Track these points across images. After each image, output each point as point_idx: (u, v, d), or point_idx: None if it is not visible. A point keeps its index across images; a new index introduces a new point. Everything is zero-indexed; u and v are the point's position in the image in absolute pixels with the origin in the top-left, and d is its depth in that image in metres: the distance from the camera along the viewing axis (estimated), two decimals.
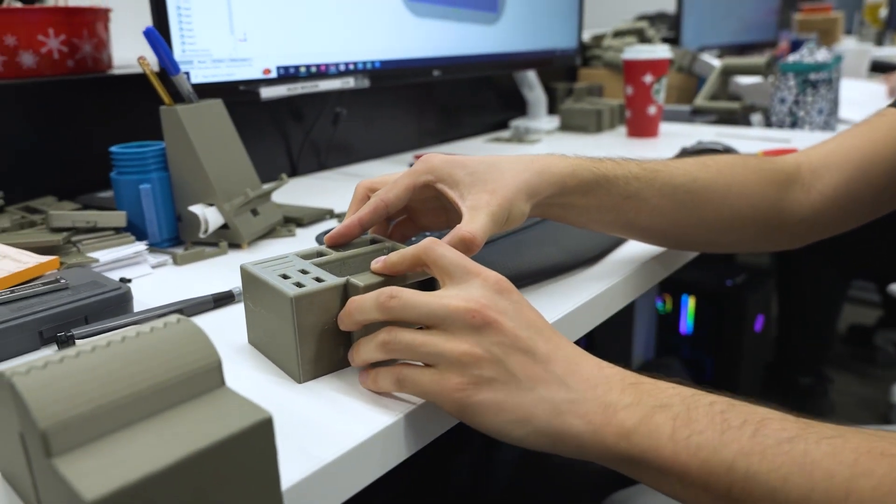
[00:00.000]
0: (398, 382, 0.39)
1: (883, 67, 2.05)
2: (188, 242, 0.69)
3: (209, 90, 0.77)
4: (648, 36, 1.71)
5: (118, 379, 0.29)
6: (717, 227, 0.59)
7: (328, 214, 0.80)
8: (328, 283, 0.42)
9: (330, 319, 0.42)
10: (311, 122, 1.12)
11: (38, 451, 0.27)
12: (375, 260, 0.44)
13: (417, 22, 1.05)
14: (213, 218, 0.67)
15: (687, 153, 1.00)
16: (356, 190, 0.52)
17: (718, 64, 1.54)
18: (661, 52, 1.31)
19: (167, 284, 0.61)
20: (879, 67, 2.05)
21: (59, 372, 0.28)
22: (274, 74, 0.86)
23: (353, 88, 0.96)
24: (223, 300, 0.55)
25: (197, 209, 0.66)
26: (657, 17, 2.12)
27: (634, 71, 1.31)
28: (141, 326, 0.32)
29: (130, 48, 0.83)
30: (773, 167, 0.61)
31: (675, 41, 1.72)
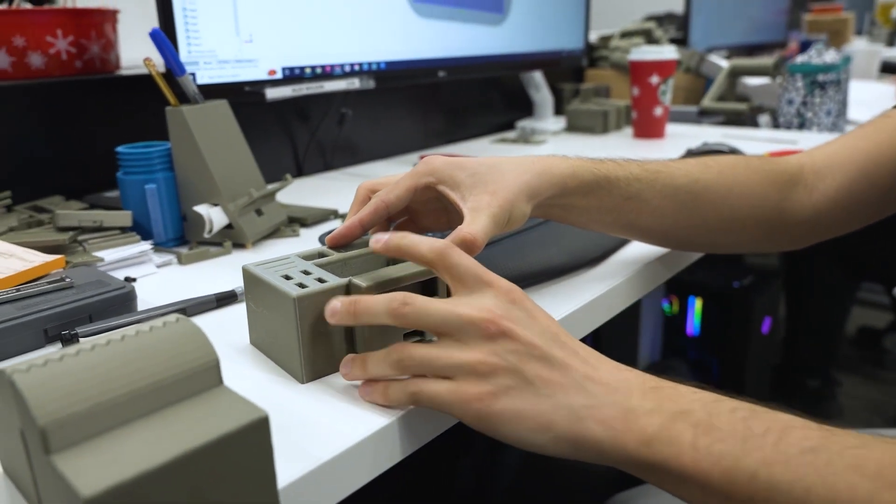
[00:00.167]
0: (413, 396, 0.38)
1: (893, 68, 2.03)
2: (193, 242, 0.70)
3: (215, 91, 0.78)
4: (656, 37, 1.70)
5: (117, 377, 0.29)
6: (718, 227, 0.59)
7: (332, 215, 0.81)
8: (330, 283, 0.42)
9: None
10: (316, 122, 1.12)
11: (37, 447, 0.28)
12: (376, 238, 0.42)
13: (423, 23, 1.05)
14: (217, 218, 0.67)
15: (692, 154, 1.00)
16: (357, 191, 0.52)
17: (726, 65, 1.53)
18: (667, 53, 1.30)
19: (172, 284, 0.61)
20: (890, 68, 2.03)
21: (58, 370, 0.28)
22: (279, 75, 0.87)
23: (358, 89, 0.96)
24: (226, 300, 0.55)
25: (202, 209, 0.67)
26: (665, 17, 2.11)
27: (640, 72, 1.30)
28: (140, 325, 0.32)
29: (138, 49, 0.83)
30: (775, 168, 0.60)
31: (683, 42, 1.71)
